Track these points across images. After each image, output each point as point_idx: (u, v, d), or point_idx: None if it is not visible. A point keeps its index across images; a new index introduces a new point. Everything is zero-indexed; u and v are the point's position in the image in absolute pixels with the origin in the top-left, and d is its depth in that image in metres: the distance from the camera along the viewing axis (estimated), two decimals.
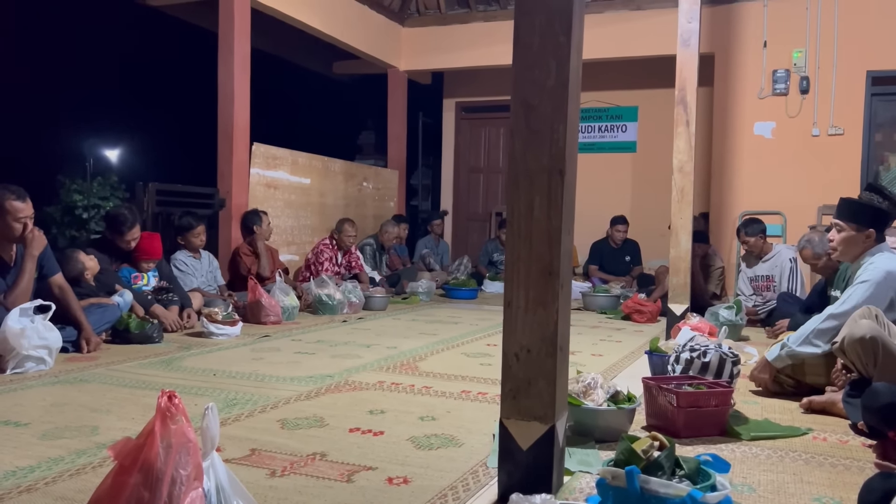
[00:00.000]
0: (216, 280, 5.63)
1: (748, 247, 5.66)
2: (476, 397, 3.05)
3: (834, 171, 7.05)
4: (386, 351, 4.12)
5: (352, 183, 8.13)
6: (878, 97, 7.12)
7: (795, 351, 3.04)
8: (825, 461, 2.29)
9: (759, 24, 7.38)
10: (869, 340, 2.62)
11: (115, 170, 12.47)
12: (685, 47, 4.93)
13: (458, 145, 9.95)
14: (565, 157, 1.85)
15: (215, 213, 6.10)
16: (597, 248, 7.89)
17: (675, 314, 4.91)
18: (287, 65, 9.46)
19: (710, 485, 1.69)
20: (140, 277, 4.72)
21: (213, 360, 3.78)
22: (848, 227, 3.11)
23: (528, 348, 1.87)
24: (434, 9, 8.78)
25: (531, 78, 1.87)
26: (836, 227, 3.17)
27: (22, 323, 3.32)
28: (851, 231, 3.10)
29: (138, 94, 14.37)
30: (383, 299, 6.16)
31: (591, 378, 2.53)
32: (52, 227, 7.61)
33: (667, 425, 2.50)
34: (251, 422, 2.60)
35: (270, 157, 6.65)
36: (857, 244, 3.10)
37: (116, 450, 1.48)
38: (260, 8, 6.42)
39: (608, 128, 9.01)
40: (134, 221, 4.64)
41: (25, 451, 2.22)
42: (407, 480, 2.04)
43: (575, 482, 2.04)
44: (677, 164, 4.95)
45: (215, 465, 1.54)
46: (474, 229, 9.98)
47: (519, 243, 1.89)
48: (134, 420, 2.58)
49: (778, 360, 3.11)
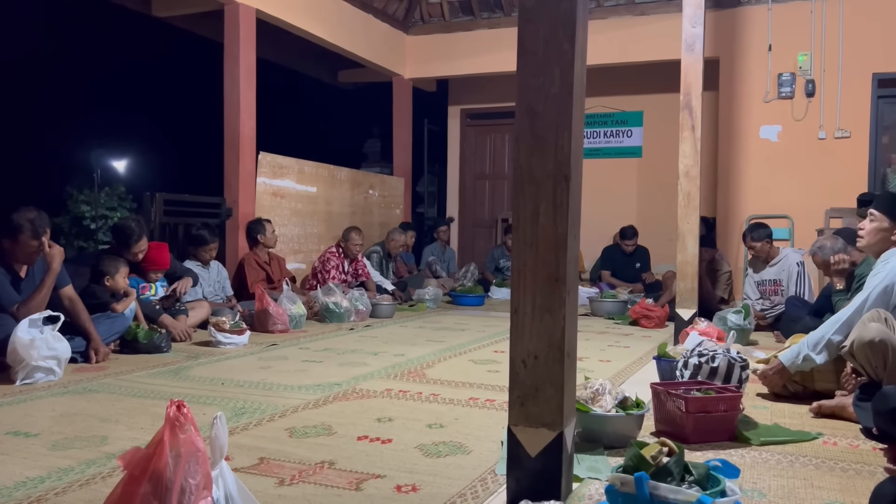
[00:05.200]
0: (224, 290, 5.65)
1: (755, 252, 5.63)
2: (484, 404, 3.05)
3: (841, 174, 7.03)
4: (393, 358, 4.11)
5: (358, 191, 8.15)
6: (884, 99, 7.10)
7: (814, 359, 3.00)
8: (836, 466, 2.28)
9: (764, 28, 7.37)
10: (878, 344, 2.61)
11: (123, 180, 12.54)
12: (690, 52, 4.93)
13: (464, 152, 9.96)
14: (570, 163, 1.85)
15: (222, 222, 6.12)
16: (608, 253, 7.88)
17: (683, 319, 4.89)
18: (293, 74, 9.51)
19: (719, 490, 1.69)
20: (148, 288, 4.74)
21: (222, 369, 3.78)
22: (882, 218, 3.08)
23: (536, 355, 1.87)
24: (438, 17, 8.82)
25: (535, 85, 1.87)
26: (870, 217, 3.13)
27: (31, 334, 3.34)
28: (885, 223, 3.07)
29: (145, 104, 14.46)
30: (390, 307, 6.16)
31: (600, 384, 2.53)
32: (60, 237, 7.66)
33: (676, 431, 2.48)
34: (259, 430, 2.60)
35: (277, 166, 6.67)
36: (884, 237, 3.07)
37: (126, 459, 1.48)
38: (265, 18, 6.46)
39: (614, 133, 9.01)
40: (141, 234, 4.62)
41: (35, 462, 2.23)
42: (415, 488, 2.03)
43: (584, 489, 2.03)
44: (683, 169, 4.94)
45: (224, 473, 1.55)
46: (480, 236, 9.99)
47: (525, 250, 1.89)
48: (143, 430, 2.59)
49: (794, 366, 3.06)
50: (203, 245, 5.41)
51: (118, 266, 4.26)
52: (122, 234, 4.61)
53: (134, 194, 8.09)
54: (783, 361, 3.10)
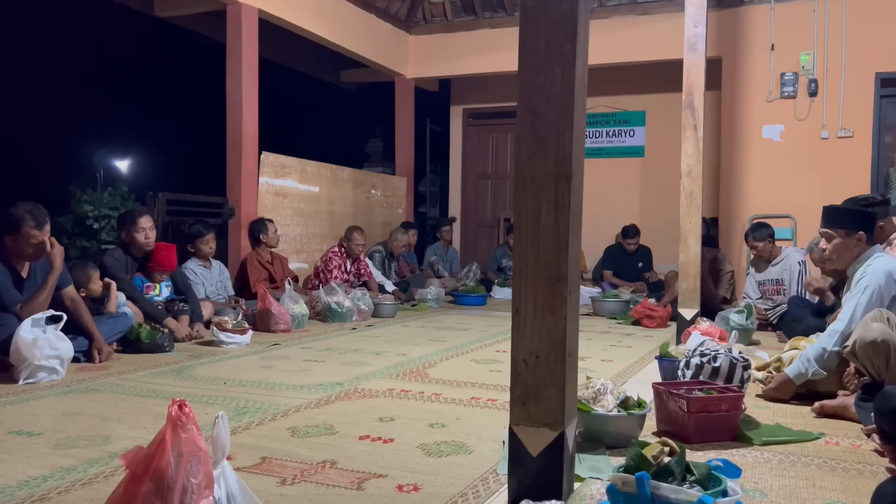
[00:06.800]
0: (226, 289, 5.65)
1: (757, 251, 5.63)
2: (486, 404, 3.05)
3: (844, 173, 7.01)
4: (395, 358, 4.12)
5: (360, 191, 8.15)
6: (888, 99, 7.08)
7: (818, 370, 2.99)
8: (838, 466, 2.28)
9: (767, 28, 7.36)
10: (880, 344, 2.61)
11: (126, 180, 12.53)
12: (692, 51, 4.93)
13: (466, 152, 9.96)
14: (572, 163, 1.85)
15: (225, 222, 6.13)
16: (610, 253, 7.88)
17: (685, 319, 4.90)
18: (295, 74, 9.51)
19: (721, 490, 1.69)
20: (152, 287, 4.75)
21: (224, 368, 3.79)
22: (836, 233, 3.08)
23: (537, 354, 1.87)
24: (440, 16, 8.82)
25: (537, 84, 1.88)
26: (826, 237, 3.13)
27: (34, 333, 3.34)
28: (841, 237, 3.07)
29: (148, 104, 14.46)
30: (392, 306, 6.17)
31: (601, 384, 2.53)
32: (62, 237, 7.66)
33: (677, 431, 2.48)
34: (261, 430, 2.61)
35: (279, 166, 6.68)
36: (849, 249, 3.07)
37: (128, 459, 1.49)
38: (268, 18, 6.47)
39: (616, 133, 9.00)
40: (144, 212, 4.86)
41: (38, 461, 2.23)
42: (417, 488, 2.04)
43: (585, 488, 2.03)
44: (685, 169, 4.94)
45: (226, 473, 1.55)
46: (483, 235, 9.99)
47: (526, 249, 1.89)
48: (145, 429, 2.59)
49: (799, 377, 3.05)
50: (200, 237, 5.40)
51: (88, 273, 4.20)
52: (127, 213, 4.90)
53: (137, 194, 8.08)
54: (790, 375, 3.07)
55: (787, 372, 3.08)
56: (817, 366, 2.97)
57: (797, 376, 3.04)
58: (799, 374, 3.03)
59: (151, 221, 4.78)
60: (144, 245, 4.68)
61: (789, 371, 3.08)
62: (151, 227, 4.73)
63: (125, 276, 4.56)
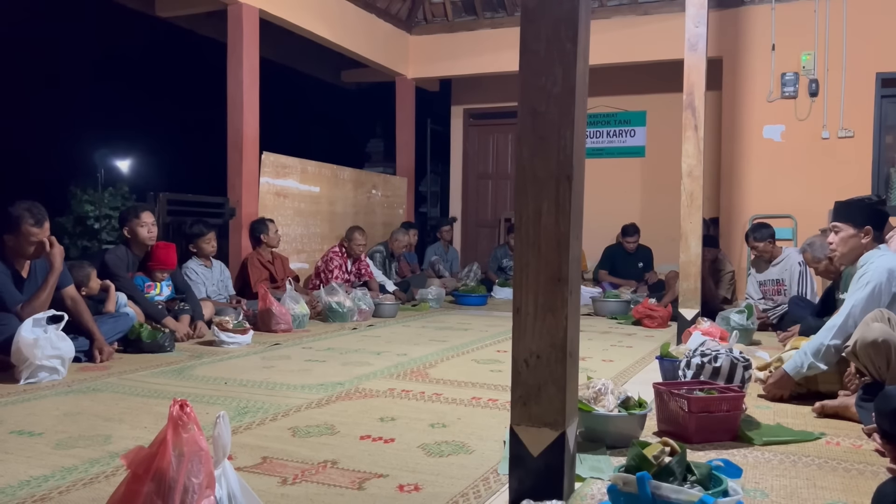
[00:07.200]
0: (227, 289, 5.65)
1: (757, 252, 5.63)
2: (486, 404, 3.05)
3: (844, 173, 7.01)
4: (396, 358, 4.12)
5: (361, 191, 8.15)
6: (888, 99, 7.08)
7: (818, 365, 2.99)
8: (838, 466, 2.28)
9: (767, 28, 7.36)
10: (881, 344, 2.61)
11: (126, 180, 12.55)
12: (693, 51, 4.93)
13: (467, 152, 9.96)
14: (573, 163, 1.85)
15: (226, 222, 6.13)
16: (609, 253, 7.88)
17: (685, 319, 4.90)
18: (296, 74, 9.51)
19: (721, 490, 1.69)
20: (153, 286, 4.75)
21: (225, 368, 3.79)
22: (845, 227, 3.10)
23: (538, 354, 1.87)
24: (441, 16, 8.82)
25: (538, 85, 1.88)
26: (834, 230, 3.15)
27: (35, 333, 3.35)
28: (850, 230, 3.08)
29: (149, 104, 14.47)
30: (393, 306, 6.17)
31: (602, 384, 2.53)
32: (63, 237, 7.67)
33: (678, 431, 2.48)
34: (262, 430, 2.61)
35: (280, 166, 6.68)
36: (855, 243, 3.08)
37: (129, 458, 1.49)
38: (269, 18, 6.47)
39: (617, 133, 9.00)
40: (146, 207, 5.00)
41: (39, 461, 2.23)
42: (418, 488, 2.04)
43: (586, 488, 2.04)
44: (686, 169, 4.94)
45: (227, 473, 1.55)
46: (483, 235, 9.99)
47: (527, 249, 1.89)
48: (146, 429, 2.59)
49: (799, 374, 3.05)
50: (202, 236, 5.41)
51: (86, 272, 4.21)
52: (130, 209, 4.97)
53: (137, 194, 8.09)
54: (788, 371, 3.08)
55: (786, 367, 3.09)
56: (815, 360, 2.96)
57: (795, 371, 3.04)
58: (797, 369, 3.03)
59: (153, 217, 4.80)
60: (147, 240, 4.69)
61: (787, 367, 3.09)
62: (153, 223, 4.75)
63: (126, 274, 4.56)
